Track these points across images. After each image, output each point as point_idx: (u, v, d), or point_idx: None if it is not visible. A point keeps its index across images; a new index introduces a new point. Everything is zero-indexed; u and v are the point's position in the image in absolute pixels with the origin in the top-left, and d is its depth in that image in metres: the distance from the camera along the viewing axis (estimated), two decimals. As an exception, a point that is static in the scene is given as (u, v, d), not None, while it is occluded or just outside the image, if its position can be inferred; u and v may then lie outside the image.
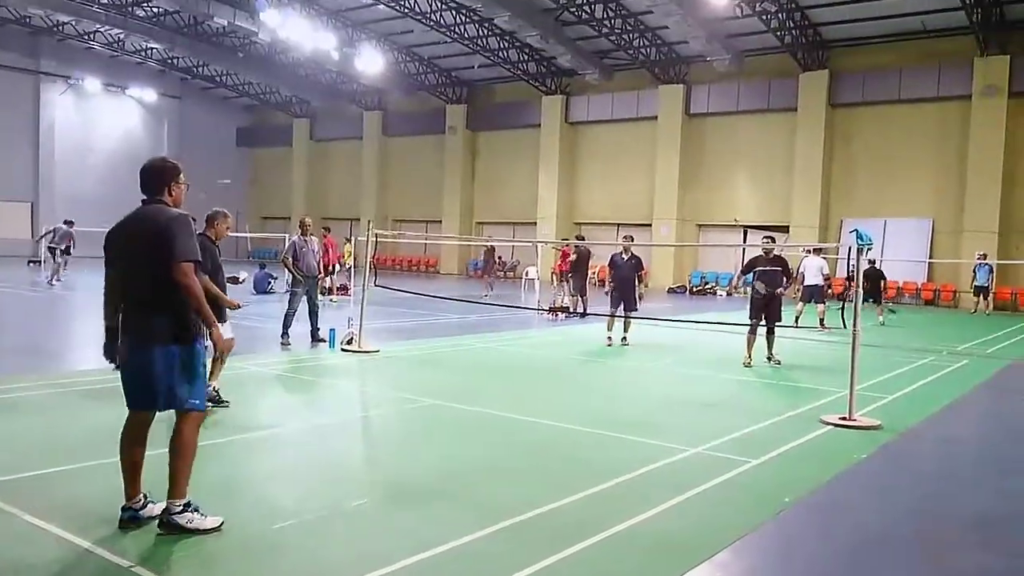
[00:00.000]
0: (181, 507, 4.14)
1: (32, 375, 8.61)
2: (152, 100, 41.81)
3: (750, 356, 10.99)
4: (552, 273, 30.73)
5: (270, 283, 20.86)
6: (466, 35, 30.44)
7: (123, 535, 4.15)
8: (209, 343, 4.48)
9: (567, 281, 17.84)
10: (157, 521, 4.18)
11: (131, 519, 4.22)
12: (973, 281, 22.21)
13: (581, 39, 30.52)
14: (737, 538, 4.44)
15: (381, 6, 28.85)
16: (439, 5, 28.53)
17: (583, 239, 22.57)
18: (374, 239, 12.11)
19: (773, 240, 11.59)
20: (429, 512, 4.74)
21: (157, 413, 4.29)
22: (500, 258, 35.03)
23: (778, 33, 26.24)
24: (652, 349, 12.68)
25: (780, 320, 11.19)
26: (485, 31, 30.50)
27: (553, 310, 17.30)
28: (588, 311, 16.51)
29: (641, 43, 29.22)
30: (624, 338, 12.93)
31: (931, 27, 25.38)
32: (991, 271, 21.92)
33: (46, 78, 38.19)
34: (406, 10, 28.53)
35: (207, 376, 4.80)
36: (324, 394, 8.74)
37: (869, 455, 6.38)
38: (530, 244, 28.43)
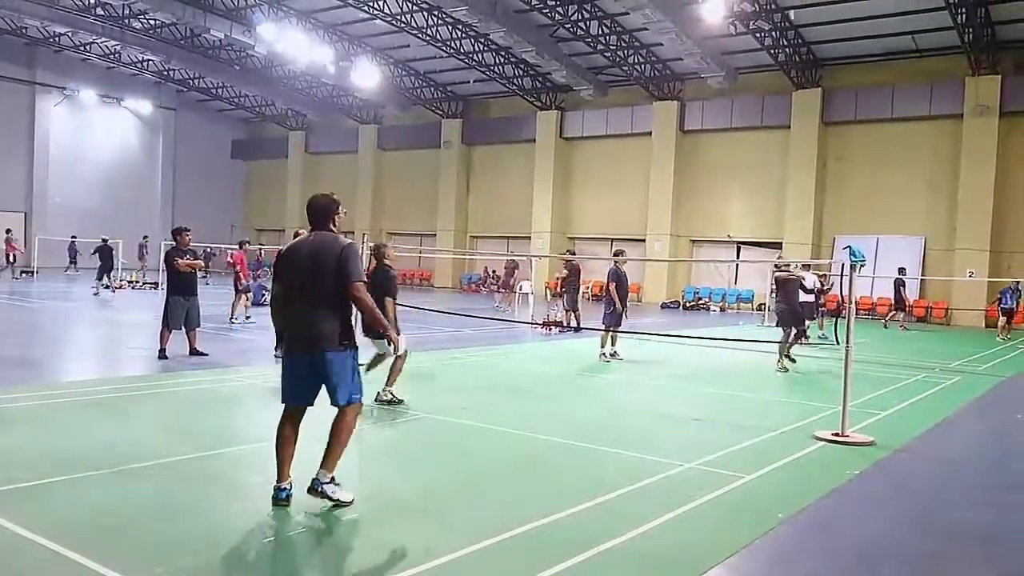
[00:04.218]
0: (329, 479, 4.86)
1: (23, 386, 8.55)
2: (148, 111, 41.80)
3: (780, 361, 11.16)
4: (546, 287, 30.99)
5: (264, 295, 20.80)
6: (462, 50, 30.59)
7: (115, 549, 4.11)
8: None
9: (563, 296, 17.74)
10: (308, 487, 4.85)
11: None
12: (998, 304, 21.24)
13: (576, 55, 30.70)
14: (730, 554, 4.42)
15: (378, 21, 28.96)
16: (436, 20, 28.68)
17: (574, 254, 22.65)
18: (369, 252, 12.09)
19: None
20: (419, 527, 4.72)
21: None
22: (494, 272, 35.07)
23: (772, 51, 26.45)
24: (644, 364, 12.68)
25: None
26: (481, 46, 30.66)
27: (547, 324, 17.28)
28: (581, 326, 16.50)
29: (636, 60, 29.37)
30: (615, 352, 12.94)
31: (923, 46, 25.62)
32: (1013, 293, 20.79)
33: (42, 89, 38.17)
34: (403, 25, 28.66)
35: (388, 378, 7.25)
36: (316, 408, 8.66)
37: (862, 471, 6.38)
38: (525, 258, 28.37)
